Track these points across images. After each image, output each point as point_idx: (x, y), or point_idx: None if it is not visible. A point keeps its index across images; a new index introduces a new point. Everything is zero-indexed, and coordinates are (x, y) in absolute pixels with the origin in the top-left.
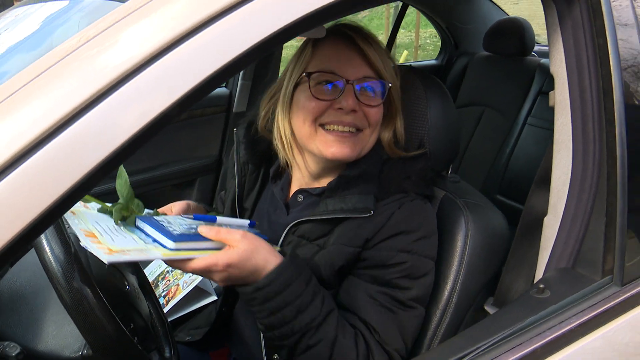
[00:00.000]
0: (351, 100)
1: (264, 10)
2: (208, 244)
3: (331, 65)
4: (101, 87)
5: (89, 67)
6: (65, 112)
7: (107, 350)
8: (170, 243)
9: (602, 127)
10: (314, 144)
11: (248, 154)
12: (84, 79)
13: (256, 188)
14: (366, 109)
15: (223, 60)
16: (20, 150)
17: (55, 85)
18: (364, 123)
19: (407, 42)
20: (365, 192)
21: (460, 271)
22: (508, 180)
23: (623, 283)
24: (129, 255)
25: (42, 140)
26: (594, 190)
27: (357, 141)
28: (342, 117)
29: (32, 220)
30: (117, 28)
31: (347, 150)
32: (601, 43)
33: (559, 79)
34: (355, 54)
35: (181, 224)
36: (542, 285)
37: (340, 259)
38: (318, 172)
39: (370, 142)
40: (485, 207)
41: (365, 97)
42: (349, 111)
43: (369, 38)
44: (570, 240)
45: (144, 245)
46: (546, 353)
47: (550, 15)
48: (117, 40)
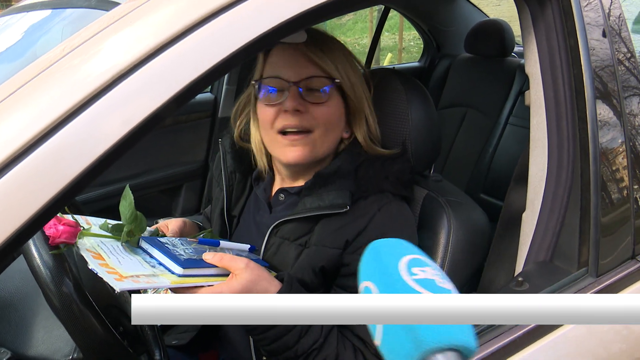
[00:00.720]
0: (292, 101)
1: (247, 17)
2: (213, 270)
3: (276, 70)
4: (86, 95)
5: (73, 76)
6: (50, 121)
7: (97, 353)
8: (178, 269)
9: (575, 125)
10: (275, 150)
11: (235, 163)
12: (68, 87)
13: (244, 196)
14: (312, 108)
15: (205, 66)
16: (6, 158)
17: (40, 94)
18: (312, 123)
19: (392, 45)
20: (342, 189)
21: (444, 267)
22: (491, 179)
23: (598, 274)
24: (139, 283)
25: (28, 147)
26: (569, 186)
27: (308, 142)
28: (289, 119)
29: (19, 226)
30: (100, 37)
31: (299, 154)
32: (572, 44)
33: (533, 79)
34: (299, 55)
35: (186, 248)
36: (521, 279)
37: (320, 260)
38: (290, 174)
39: (328, 141)
40: (467, 205)
41: (311, 97)
42: (293, 112)
43: (317, 39)
44: (547, 235)
45: (151, 269)
46: (526, 342)
47: (524, 18)
48: (101, 49)
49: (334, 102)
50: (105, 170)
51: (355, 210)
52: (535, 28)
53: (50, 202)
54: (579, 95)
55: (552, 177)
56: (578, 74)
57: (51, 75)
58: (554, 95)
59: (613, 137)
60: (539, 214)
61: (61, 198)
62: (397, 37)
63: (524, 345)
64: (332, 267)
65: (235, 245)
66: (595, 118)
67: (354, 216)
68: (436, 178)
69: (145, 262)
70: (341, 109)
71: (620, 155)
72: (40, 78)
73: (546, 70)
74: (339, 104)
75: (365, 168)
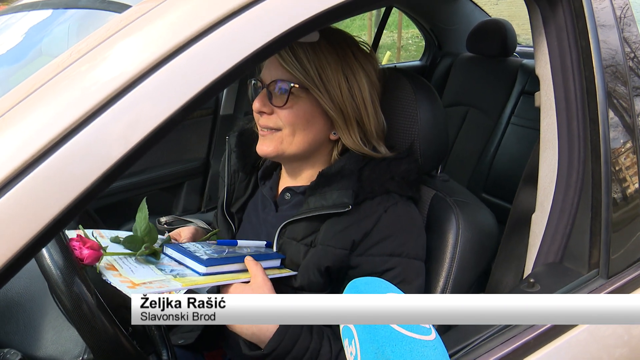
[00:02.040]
0: (257, 102)
1: (261, 18)
2: (236, 266)
3: (261, 70)
4: (99, 101)
5: (86, 82)
6: (61, 129)
7: (108, 353)
8: (202, 268)
9: (586, 126)
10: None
11: (240, 162)
12: (80, 94)
13: (246, 195)
14: (277, 110)
15: (223, 67)
16: (23, 163)
17: (51, 100)
18: (278, 123)
19: (390, 43)
20: (344, 188)
21: (452, 267)
22: (493, 179)
23: (609, 276)
24: (151, 289)
25: (37, 158)
26: (579, 187)
27: (274, 139)
28: (259, 119)
29: (34, 235)
30: (109, 43)
31: (266, 147)
32: (584, 45)
33: (544, 81)
34: (274, 57)
35: (206, 250)
36: (532, 280)
37: (326, 260)
38: (292, 172)
39: (298, 141)
40: (474, 205)
41: (275, 99)
42: (259, 112)
43: (302, 42)
44: (557, 236)
45: (163, 275)
46: (537, 345)
47: (535, 19)
48: (110, 56)
49: (301, 105)
50: (121, 175)
51: (361, 211)
52: (545, 29)
53: (65, 209)
54: (590, 96)
55: (562, 179)
56: (589, 75)
57: (60, 82)
58: (564, 96)
59: (624, 138)
60: (549, 215)
61: (75, 206)
62: (395, 35)
63: (528, 353)
64: (337, 267)
65: (253, 243)
66: (607, 119)
67: (360, 217)
68: (443, 178)
69: (157, 270)
70: (313, 111)
71: (631, 157)
72: (50, 85)
73: (557, 71)
74: (308, 106)
75: (371, 168)
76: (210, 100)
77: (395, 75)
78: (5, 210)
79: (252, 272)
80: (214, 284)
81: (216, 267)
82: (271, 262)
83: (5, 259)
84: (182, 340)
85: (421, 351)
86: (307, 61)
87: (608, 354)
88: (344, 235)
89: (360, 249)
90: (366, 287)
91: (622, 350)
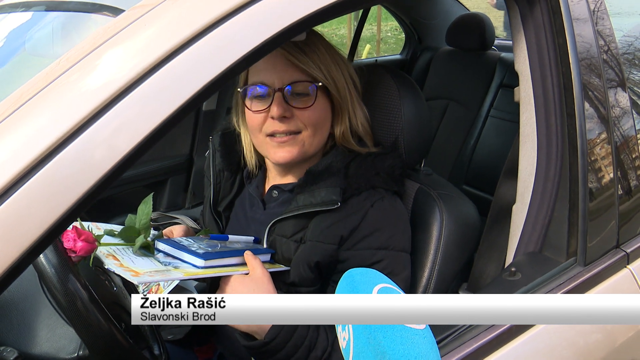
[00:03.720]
0: (278, 108)
1: (251, 24)
2: (233, 259)
3: (260, 77)
4: (93, 108)
5: (85, 87)
6: (66, 129)
7: (104, 349)
8: (200, 261)
9: (564, 121)
10: (265, 151)
11: (224, 161)
12: (75, 102)
13: (232, 193)
14: (298, 112)
15: (216, 71)
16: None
17: (42, 111)
18: (299, 126)
19: (369, 36)
20: (332, 185)
21: (437, 258)
22: (473, 171)
23: (586, 263)
24: (154, 277)
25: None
26: (557, 180)
27: (295, 143)
28: (276, 125)
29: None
30: (101, 51)
31: (287, 154)
32: (561, 42)
33: (523, 77)
34: (281, 59)
35: (200, 244)
36: (513, 269)
37: (315, 255)
38: (281, 172)
39: (317, 140)
40: (457, 198)
41: (296, 101)
42: (280, 118)
43: (299, 43)
44: (537, 226)
45: (163, 267)
46: (518, 331)
47: (514, 17)
48: (101, 63)
49: (320, 103)
50: (115, 181)
51: (348, 206)
52: (524, 27)
53: (59, 219)
54: (567, 92)
55: (541, 171)
56: (566, 71)
57: (55, 89)
58: (542, 92)
59: (600, 129)
60: (529, 206)
61: (70, 214)
62: (374, 27)
63: (509, 340)
64: (327, 262)
65: (242, 238)
66: (583, 114)
67: (347, 212)
68: (427, 172)
69: (156, 261)
70: (327, 108)
71: (606, 147)
72: (44, 93)
73: (535, 67)
74: (325, 104)
75: (357, 165)
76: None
77: (378, 71)
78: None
79: (250, 264)
80: (213, 275)
81: (213, 261)
82: (263, 257)
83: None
84: (171, 336)
85: (412, 339)
86: (318, 60)
87: (584, 340)
88: (332, 230)
89: (348, 244)
90: (361, 277)
91: (597, 336)
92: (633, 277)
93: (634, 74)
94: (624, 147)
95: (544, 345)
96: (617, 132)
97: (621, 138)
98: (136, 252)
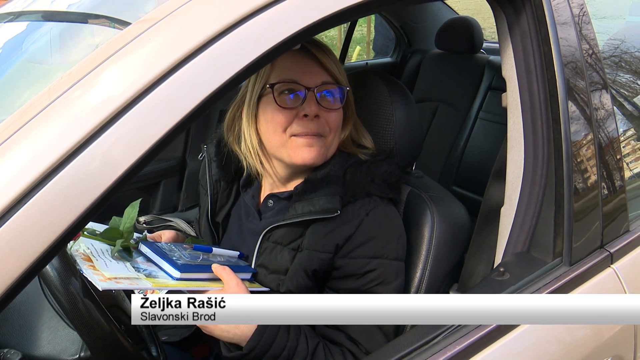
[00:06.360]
0: (314, 107)
1: (255, 34)
2: (207, 274)
3: (292, 75)
4: (98, 122)
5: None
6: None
7: (105, 350)
8: (176, 272)
9: (550, 126)
10: (284, 151)
11: (221, 171)
12: (80, 115)
13: (229, 203)
14: (326, 115)
15: (222, 78)
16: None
17: (43, 129)
18: (325, 129)
19: (359, 38)
20: (331, 194)
21: (429, 260)
22: (462, 172)
23: (571, 263)
24: (121, 284)
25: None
26: (544, 182)
27: (322, 145)
28: (307, 125)
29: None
30: (105, 65)
31: (314, 155)
32: (546, 50)
33: (510, 83)
34: (312, 62)
35: (182, 254)
36: (502, 269)
37: (312, 264)
38: (286, 176)
39: (333, 146)
40: (448, 200)
41: (326, 103)
42: (313, 117)
43: (322, 46)
44: (524, 227)
45: (135, 273)
46: (508, 328)
47: (501, 25)
48: (101, 80)
49: (341, 107)
50: (115, 195)
51: (343, 214)
52: (511, 35)
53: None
54: (553, 97)
55: (528, 174)
56: (551, 78)
57: (57, 107)
58: (529, 97)
59: (585, 131)
60: (517, 208)
61: (75, 226)
62: (364, 29)
63: (498, 337)
64: (323, 270)
65: (226, 252)
66: (568, 119)
67: (342, 221)
68: (418, 174)
69: (131, 267)
70: (342, 114)
71: (592, 148)
72: (47, 111)
73: (522, 74)
74: (342, 109)
75: (352, 172)
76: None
77: (369, 77)
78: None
79: (224, 278)
80: (185, 288)
81: (190, 274)
82: (243, 275)
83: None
84: (166, 337)
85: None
86: (337, 63)
87: (571, 335)
88: (328, 239)
89: (343, 252)
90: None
91: (585, 331)
92: (617, 276)
93: (620, 76)
94: (608, 148)
95: (532, 342)
96: (600, 134)
97: (605, 140)
98: (114, 254)
